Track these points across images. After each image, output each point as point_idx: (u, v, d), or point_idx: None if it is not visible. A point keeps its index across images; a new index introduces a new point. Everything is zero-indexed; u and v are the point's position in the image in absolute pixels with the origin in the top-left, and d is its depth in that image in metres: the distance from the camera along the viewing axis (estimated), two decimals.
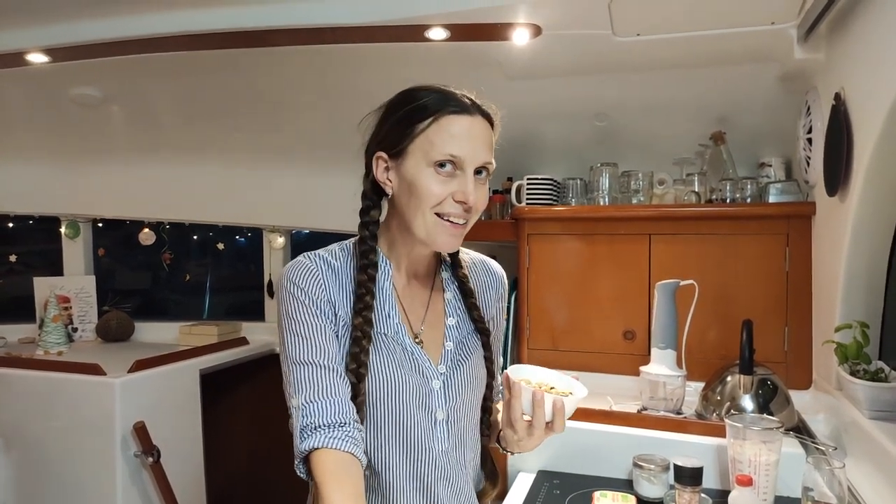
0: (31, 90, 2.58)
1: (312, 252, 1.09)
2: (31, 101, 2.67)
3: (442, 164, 1.01)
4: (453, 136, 1.01)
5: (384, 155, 1.05)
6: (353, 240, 1.12)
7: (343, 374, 1.02)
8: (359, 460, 0.97)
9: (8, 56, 2.16)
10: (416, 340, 1.10)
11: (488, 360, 1.19)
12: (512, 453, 1.18)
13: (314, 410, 0.97)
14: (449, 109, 1.02)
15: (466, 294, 1.18)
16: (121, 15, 2.00)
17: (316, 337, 1.02)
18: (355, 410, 1.01)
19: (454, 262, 1.20)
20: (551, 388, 1.04)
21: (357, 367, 1.02)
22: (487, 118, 1.06)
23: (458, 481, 1.12)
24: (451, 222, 1.03)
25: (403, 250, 1.11)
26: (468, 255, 1.25)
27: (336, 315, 1.04)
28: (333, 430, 0.96)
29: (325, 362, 1.01)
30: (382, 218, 1.12)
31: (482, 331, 1.18)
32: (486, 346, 1.19)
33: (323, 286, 1.04)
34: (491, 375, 1.21)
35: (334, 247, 1.11)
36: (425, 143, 1.01)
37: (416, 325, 1.12)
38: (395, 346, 1.07)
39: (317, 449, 0.95)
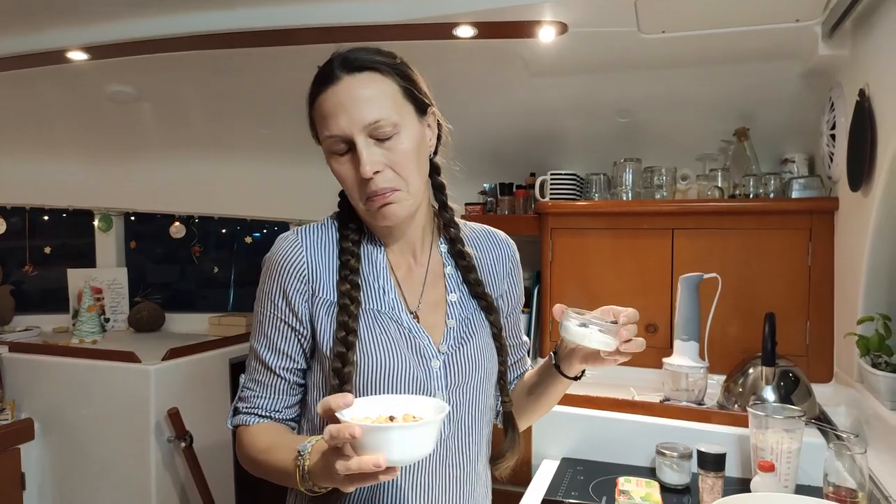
0: (69, 88, 2.65)
1: (303, 226, 1.06)
2: (67, 98, 2.75)
3: (334, 150, 0.95)
4: (325, 115, 0.94)
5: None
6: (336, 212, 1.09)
7: (290, 379, 1.03)
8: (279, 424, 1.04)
9: (50, 54, 2.24)
10: (414, 317, 1.02)
11: (497, 339, 1.08)
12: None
13: (249, 397, 1.04)
14: (318, 90, 0.96)
15: (468, 270, 1.08)
16: (156, 14, 2.06)
17: (273, 338, 1.02)
18: (293, 412, 1.06)
19: (452, 235, 1.09)
20: (390, 418, 0.81)
21: (346, 335, 0.95)
22: (372, 69, 0.95)
23: (459, 472, 1.02)
24: (378, 196, 0.94)
25: (380, 230, 1.05)
26: (470, 227, 1.15)
27: (311, 304, 1.00)
28: (260, 419, 1.03)
29: (272, 364, 1.02)
30: None
31: (487, 308, 1.08)
32: (495, 324, 1.08)
33: (304, 262, 1.00)
34: (504, 353, 1.09)
35: (325, 218, 1.08)
36: (320, 134, 0.98)
37: (413, 302, 1.04)
38: (390, 323, 0.99)
39: (242, 426, 1.04)
